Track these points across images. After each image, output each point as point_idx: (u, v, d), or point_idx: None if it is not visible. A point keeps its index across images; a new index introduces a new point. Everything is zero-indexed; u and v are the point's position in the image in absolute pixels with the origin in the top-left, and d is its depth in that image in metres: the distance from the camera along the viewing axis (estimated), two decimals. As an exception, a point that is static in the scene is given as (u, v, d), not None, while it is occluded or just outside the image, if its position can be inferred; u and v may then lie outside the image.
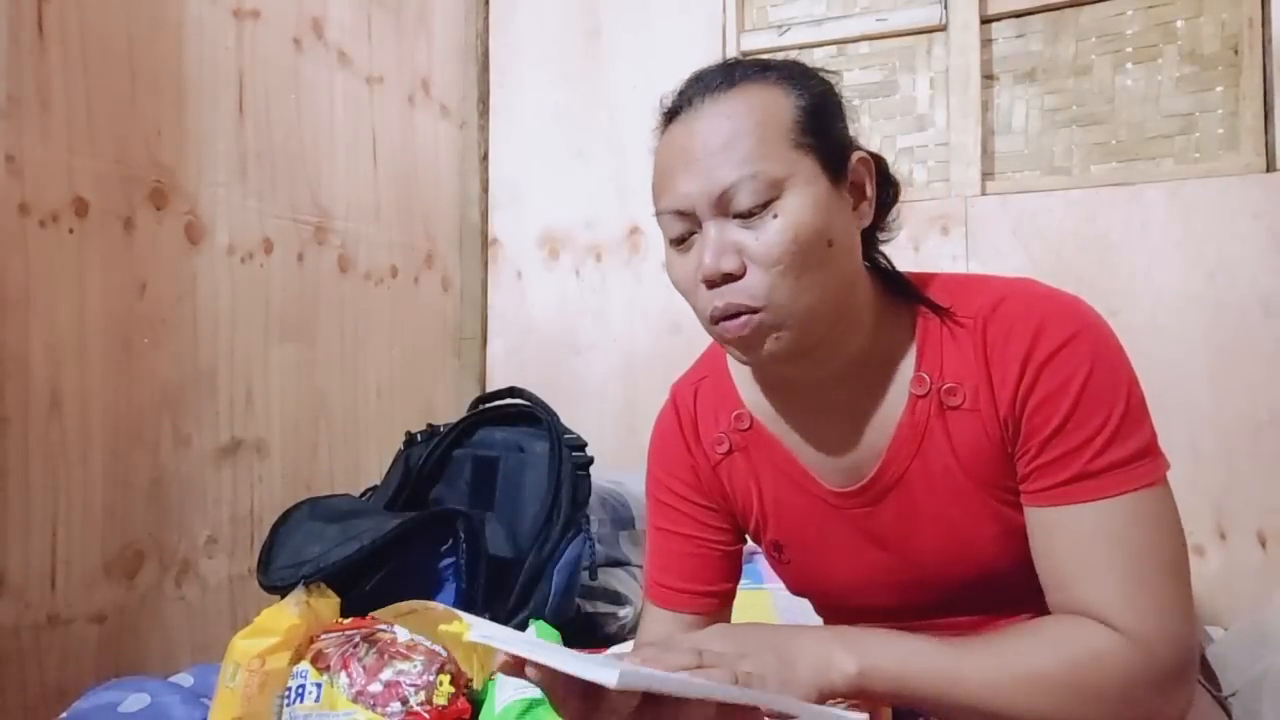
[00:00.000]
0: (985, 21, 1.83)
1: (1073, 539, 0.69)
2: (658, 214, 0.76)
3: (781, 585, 0.94)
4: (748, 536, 0.91)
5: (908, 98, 1.91)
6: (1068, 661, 0.64)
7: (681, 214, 0.73)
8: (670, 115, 0.76)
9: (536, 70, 2.21)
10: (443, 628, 0.62)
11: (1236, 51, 1.67)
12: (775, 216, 0.69)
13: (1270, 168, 1.62)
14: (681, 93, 0.76)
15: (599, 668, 0.50)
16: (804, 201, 0.70)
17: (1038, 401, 0.70)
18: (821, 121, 0.73)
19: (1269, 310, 1.59)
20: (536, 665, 0.56)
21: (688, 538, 0.88)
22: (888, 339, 0.78)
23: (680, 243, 0.74)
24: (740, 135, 0.70)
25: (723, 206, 0.70)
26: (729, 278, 0.70)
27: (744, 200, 0.69)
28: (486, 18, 2.26)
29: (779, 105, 0.72)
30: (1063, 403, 0.69)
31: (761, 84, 0.73)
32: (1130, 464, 0.68)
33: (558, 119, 2.19)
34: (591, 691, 0.56)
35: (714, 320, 0.72)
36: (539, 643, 0.59)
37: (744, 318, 0.70)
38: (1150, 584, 0.66)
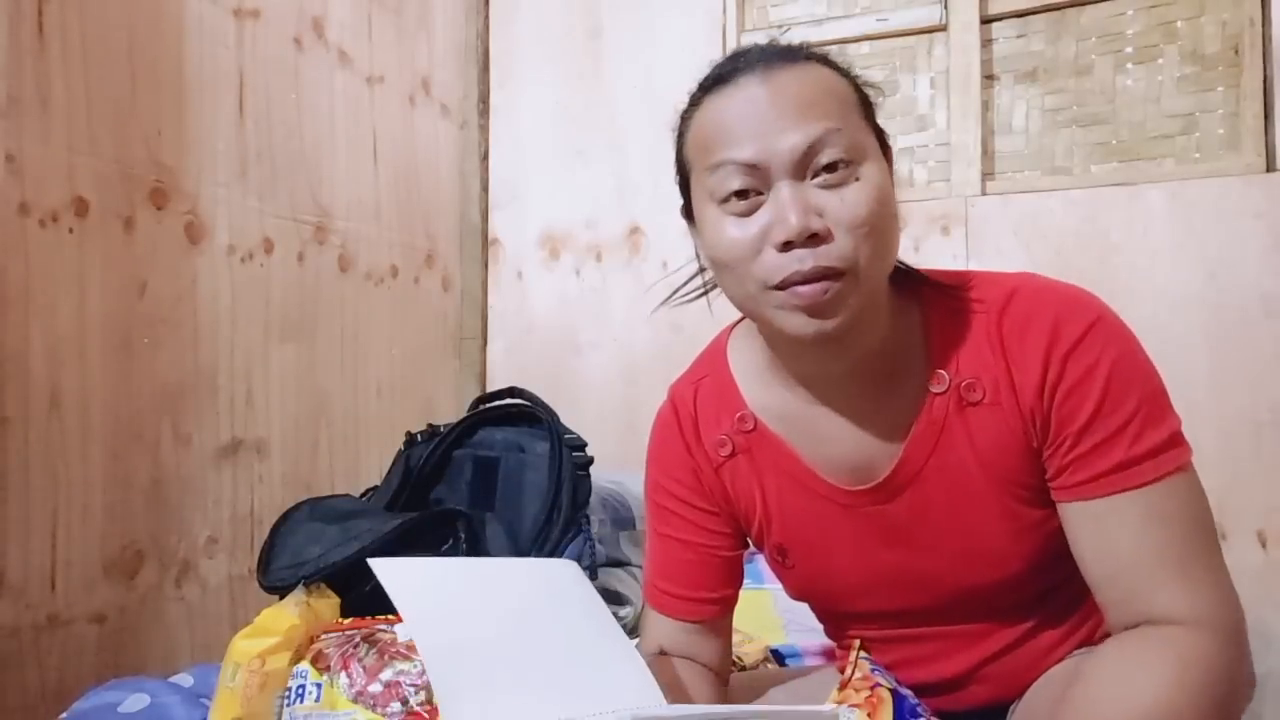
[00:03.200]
0: (986, 21, 1.83)
1: (1122, 529, 0.68)
2: (714, 166, 0.70)
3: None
4: (749, 540, 0.89)
5: (908, 98, 1.91)
6: (1171, 681, 0.62)
7: (752, 167, 0.68)
8: (719, 81, 0.72)
9: (536, 70, 2.21)
10: None
11: (1237, 51, 1.67)
12: (858, 179, 0.68)
13: (1271, 168, 1.62)
14: (729, 61, 0.73)
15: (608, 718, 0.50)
16: (879, 170, 0.70)
17: (1065, 391, 0.70)
18: (872, 108, 0.74)
19: (1269, 310, 1.59)
20: None
21: (688, 544, 0.86)
22: (900, 333, 0.77)
23: (741, 199, 0.69)
24: (821, 96, 0.69)
25: (802, 166, 0.67)
26: (813, 239, 0.67)
27: (830, 155, 0.67)
28: (486, 18, 2.26)
29: (843, 82, 0.72)
30: (1092, 391, 0.69)
31: (820, 62, 0.73)
32: (1167, 448, 0.68)
33: (558, 119, 2.18)
34: None
35: (785, 285, 0.68)
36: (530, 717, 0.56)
37: (826, 283, 0.67)
38: (1202, 561, 0.67)
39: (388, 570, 0.63)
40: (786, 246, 0.67)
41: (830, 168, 0.67)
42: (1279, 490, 1.57)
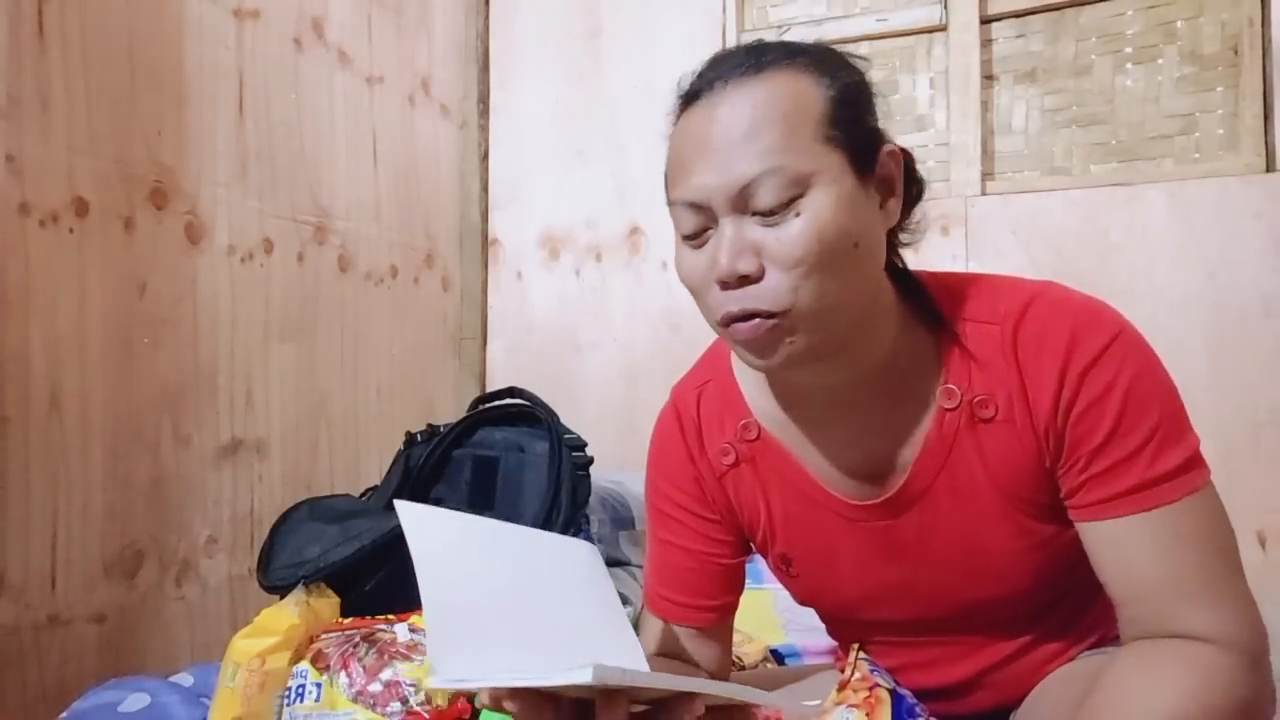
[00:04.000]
0: (985, 21, 1.83)
1: (1140, 550, 0.66)
2: (670, 204, 0.70)
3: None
4: (752, 547, 0.88)
5: (908, 98, 1.91)
6: (1190, 695, 0.62)
7: (697, 207, 0.68)
8: (690, 98, 0.70)
9: (536, 70, 2.21)
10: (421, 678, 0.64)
11: (1236, 52, 1.67)
12: (798, 215, 0.65)
13: (1270, 168, 1.62)
14: (702, 74, 0.71)
15: (573, 672, 0.51)
16: (829, 199, 0.65)
17: (1081, 410, 0.68)
18: (851, 112, 0.68)
19: (1269, 310, 1.59)
20: (513, 692, 0.58)
21: (689, 551, 0.85)
22: (910, 347, 0.74)
23: (694, 238, 0.69)
24: (765, 125, 0.65)
25: (741, 203, 0.65)
26: (745, 280, 0.66)
27: (765, 197, 0.65)
28: (486, 18, 2.26)
29: (808, 95, 0.67)
30: (1109, 409, 0.67)
31: (790, 70, 0.68)
32: (1186, 470, 0.66)
33: (558, 119, 2.19)
34: (580, 711, 0.57)
35: (725, 323, 0.68)
36: (509, 669, 0.59)
37: (757, 320, 0.66)
38: (1224, 581, 0.66)
39: (411, 514, 0.63)
40: (723, 286, 0.67)
41: (765, 210, 0.65)
42: (1278, 490, 1.57)
